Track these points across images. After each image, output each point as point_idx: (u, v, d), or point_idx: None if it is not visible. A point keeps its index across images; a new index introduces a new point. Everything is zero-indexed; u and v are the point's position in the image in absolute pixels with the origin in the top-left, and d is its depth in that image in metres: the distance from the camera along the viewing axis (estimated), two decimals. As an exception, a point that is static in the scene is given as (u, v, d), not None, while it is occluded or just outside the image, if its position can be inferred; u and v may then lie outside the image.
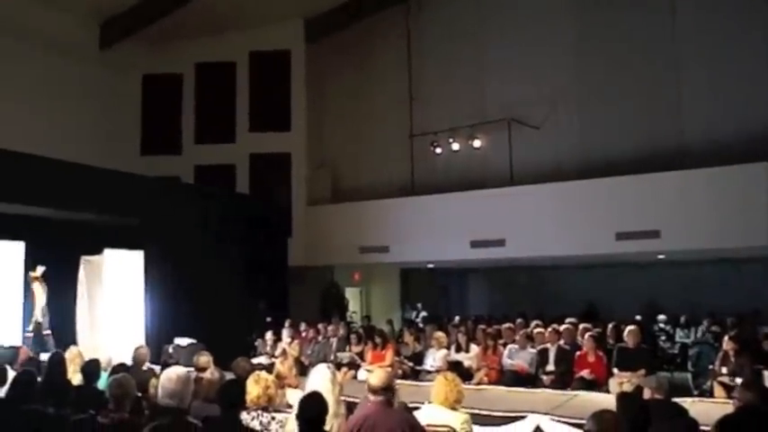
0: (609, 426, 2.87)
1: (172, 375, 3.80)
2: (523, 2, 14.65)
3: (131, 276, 10.89)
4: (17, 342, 9.35)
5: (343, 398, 4.54)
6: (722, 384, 7.41)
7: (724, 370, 7.60)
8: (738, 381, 6.66)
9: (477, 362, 9.06)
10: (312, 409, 3.68)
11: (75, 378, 6.27)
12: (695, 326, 12.98)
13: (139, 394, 4.91)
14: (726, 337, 8.11)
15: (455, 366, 8.35)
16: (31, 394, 5.16)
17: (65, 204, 10.02)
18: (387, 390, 4.08)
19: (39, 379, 5.90)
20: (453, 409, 4.44)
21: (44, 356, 8.30)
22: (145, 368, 6.85)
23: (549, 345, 8.88)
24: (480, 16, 15.06)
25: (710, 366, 8.27)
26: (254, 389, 4.31)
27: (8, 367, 6.01)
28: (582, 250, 12.44)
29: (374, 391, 4.04)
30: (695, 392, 8.30)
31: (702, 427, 4.33)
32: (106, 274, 10.58)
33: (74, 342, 9.47)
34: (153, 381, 5.32)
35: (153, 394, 4.98)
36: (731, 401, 4.85)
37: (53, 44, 13.36)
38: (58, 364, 6.29)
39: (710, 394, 7.55)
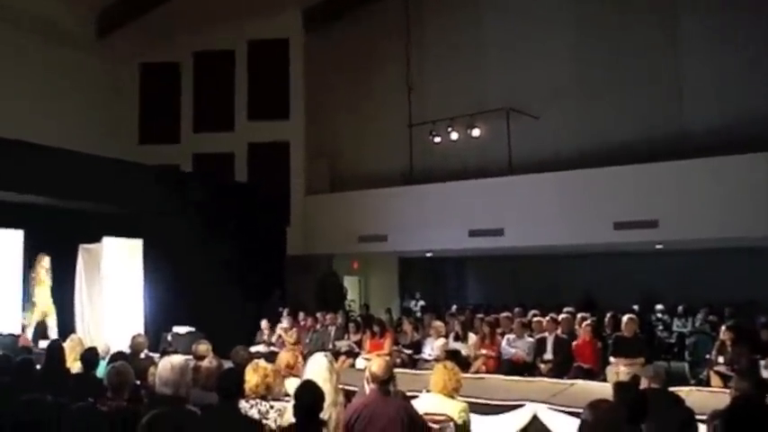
0: (605, 415, 2.88)
1: (168, 365, 3.81)
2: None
3: (130, 265, 10.88)
4: (16, 330, 9.38)
5: (341, 386, 4.55)
6: (719, 374, 7.45)
7: (721, 359, 7.63)
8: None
9: (474, 351, 9.10)
10: (306, 397, 3.69)
11: (75, 366, 6.28)
12: (692, 315, 13.02)
13: (138, 383, 4.92)
14: (723, 327, 8.14)
15: (453, 355, 8.38)
16: (30, 382, 5.18)
17: (63, 193, 10.00)
18: (388, 379, 4.10)
19: (37, 367, 5.94)
20: (451, 397, 4.46)
21: (43, 344, 8.35)
22: (143, 356, 6.87)
23: (546, 334, 8.92)
24: (480, 5, 15.00)
25: (707, 356, 8.30)
26: (252, 378, 4.32)
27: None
28: (580, 239, 12.46)
29: (376, 380, 4.06)
30: (692, 382, 8.33)
31: (698, 417, 4.35)
32: (105, 263, 10.58)
33: (72, 330, 9.50)
34: (152, 369, 5.33)
35: (152, 382, 4.99)
36: (727, 391, 4.88)
37: (51, 33, 13.31)
38: (57, 351, 6.30)
39: (707, 383, 7.58)
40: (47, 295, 10.24)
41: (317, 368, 4.39)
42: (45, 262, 10.23)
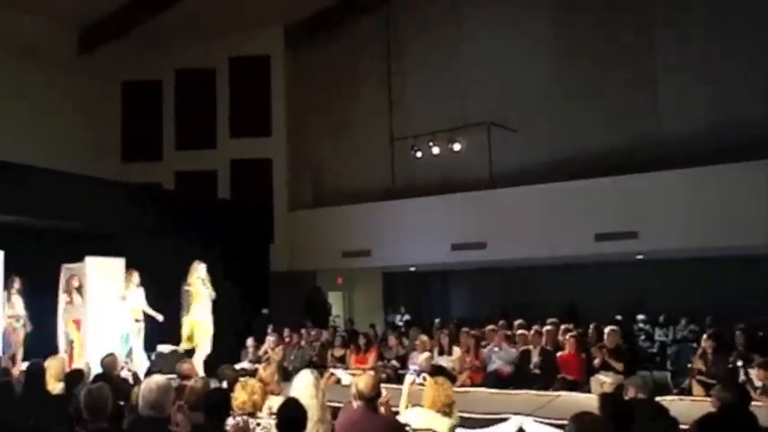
0: (589, 427, 2.91)
1: (152, 385, 3.80)
2: (502, 6, 14.76)
3: (113, 284, 10.77)
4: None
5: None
6: (701, 383, 7.52)
7: (702, 368, 7.70)
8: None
9: (459, 364, 9.10)
10: (286, 414, 3.68)
11: (57, 387, 6.21)
12: (674, 325, 13.13)
13: (122, 403, 4.88)
14: (704, 336, 8.24)
15: (438, 370, 8.38)
16: (10, 406, 5.11)
17: (45, 212, 9.91)
18: (375, 396, 4.11)
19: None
20: (443, 413, 4.46)
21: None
22: (131, 377, 6.81)
23: (531, 347, 8.97)
24: (459, 20, 15.14)
25: (689, 365, 8.38)
26: (240, 394, 4.33)
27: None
28: (562, 251, 12.57)
29: (363, 397, 4.06)
30: (674, 391, 8.40)
31: (682, 426, 4.40)
32: (87, 282, 10.46)
33: (54, 351, 9.38)
34: (135, 389, 5.28)
35: (135, 402, 4.94)
36: (710, 400, 4.93)
37: (31, 51, 13.22)
38: (38, 374, 6.22)
39: (689, 392, 7.65)
40: (206, 312, 9.36)
41: (304, 384, 4.39)
42: (201, 271, 9.40)
